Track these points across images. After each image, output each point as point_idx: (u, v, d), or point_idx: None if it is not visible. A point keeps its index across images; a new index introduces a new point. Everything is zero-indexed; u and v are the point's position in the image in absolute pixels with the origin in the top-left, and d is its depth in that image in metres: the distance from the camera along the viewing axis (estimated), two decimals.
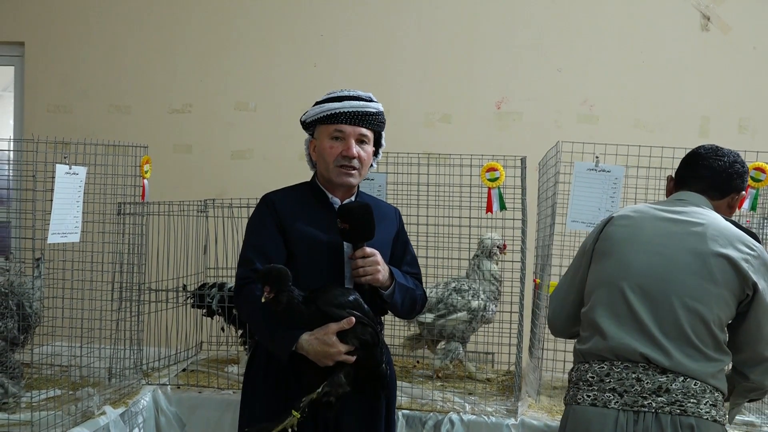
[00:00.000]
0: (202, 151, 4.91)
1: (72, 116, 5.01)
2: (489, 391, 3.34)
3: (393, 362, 2.81)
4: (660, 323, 2.26)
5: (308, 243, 2.50)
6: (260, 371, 2.56)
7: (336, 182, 2.56)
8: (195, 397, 3.32)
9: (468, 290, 3.43)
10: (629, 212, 2.46)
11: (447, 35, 4.74)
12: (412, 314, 2.74)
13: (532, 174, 3.54)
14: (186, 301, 3.69)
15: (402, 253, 2.72)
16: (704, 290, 2.26)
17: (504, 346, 3.37)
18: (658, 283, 2.29)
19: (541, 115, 4.57)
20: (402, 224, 2.77)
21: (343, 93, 2.58)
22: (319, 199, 2.61)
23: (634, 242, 2.37)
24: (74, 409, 2.88)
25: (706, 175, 2.46)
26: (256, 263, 2.46)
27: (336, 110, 2.53)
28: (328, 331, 2.31)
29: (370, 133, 2.58)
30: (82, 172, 2.84)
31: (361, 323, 2.35)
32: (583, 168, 3.03)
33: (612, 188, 2.97)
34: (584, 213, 2.99)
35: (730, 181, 2.46)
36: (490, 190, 3.17)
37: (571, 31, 4.65)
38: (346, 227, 2.44)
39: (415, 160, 3.38)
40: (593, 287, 2.42)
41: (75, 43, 5.03)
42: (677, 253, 2.30)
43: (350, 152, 2.52)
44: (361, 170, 2.58)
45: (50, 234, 2.74)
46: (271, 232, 2.52)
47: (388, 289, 2.53)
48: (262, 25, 4.89)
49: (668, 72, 4.56)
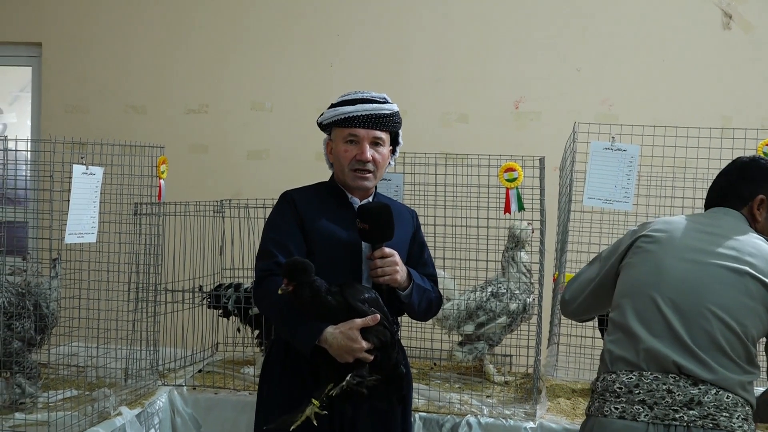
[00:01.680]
0: (218, 152, 4.93)
1: (88, 116, 5.04)
2: (507, 394, 3.32)
3: (410, 364, 2.81)
4: (693, 333, 2.19)
5: (327, 241, 2.51)
6: (276, 371, 2.56)
7: (352, 186, 2.58)
8: (211, 398, 3.33)
9: (505, 292, 3.41)
10: (664, 223, 2.40)
11: (464, 34, 4.73)
12: (428, 316, 2.75)
13: (551, 174, 3.52)
14: (202, 302, 3.70)
15: (419, 254, 2.72)
16: (739, 303, 2.20)
17: (522, 349, 3.36)
18: (691, 294, 2.23)
19: (560, 114, 4.54)
20: (419, 225, 2.78)
21: (356, 95, 2.57)
22: (338, 198, 2.62)
23: (669, 251, 2.30)
24: (90, 409, 2.90)
25: (721, 184, 2.43)
26: (278, 256, 2.47)
27: (349, 114, 2.54)
28: (353, 326, 2.31)
29: (385, 135, 2.58)
30: (98, 172, 2.86)
31: (382, 324, 2.36)
32: (600, 147, 3.04)
33: (628, 166, 2.98)
34: (600, 190, 3.01)
35: (741, 188, 2.39)
36: (508, 191, 3.16)
37: (590, 29, 4.62)
38: (366, 227, 2.45)
39: (432, 160, 3.37)
40: (624, 294, 2.35)
41: (91, 43, 5.06)
42: (712, 265, 2.24)
43: (364, 156, 2.52)
44: (377, 173, 2.59)
45: (67, 234, 2.76)
46: (291, 228, 2.53)
47: (406, 290, 2.53)
48: (278, 25, 4.91)
49: (689, 71, 4.53)
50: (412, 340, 3.68)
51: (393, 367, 2.43)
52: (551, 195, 3.45)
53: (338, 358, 2.33)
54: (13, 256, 3.18)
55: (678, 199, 3.40)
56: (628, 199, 2.98)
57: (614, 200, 2.98)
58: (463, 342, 3.47)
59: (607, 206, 3.02)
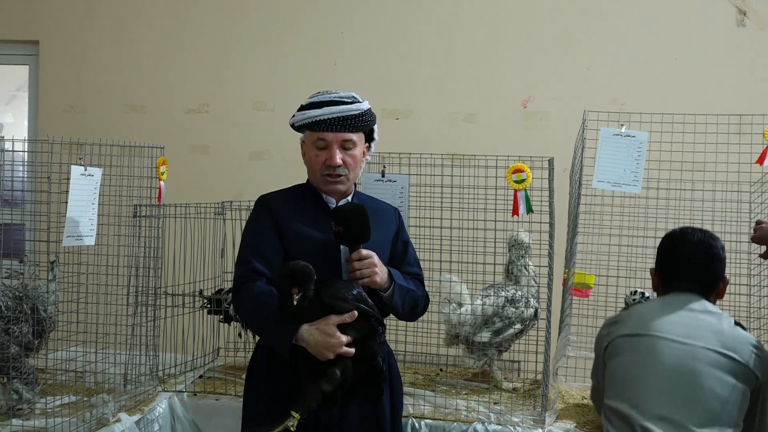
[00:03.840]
0: (219, 152, 4.94)
1: (87, 116, 5.05)
2: (515, 401, 3.32)
3: (396, 363, 2.84)
4: (689, 412, 2.46)
5: (304, 243, 2.55)
6: (261, 375, 2.61)
7: (323, 190, 2.63)
8: (212, 404, 3.33)
9: (520, 299, 3.40)
10: (638, 318, 2.67)
11: (471, 31, 4.73)
12: (413, 316, 2.81)
13: (560, 175, 3.52)
14: (203, 307, 3.71)
15: (402, 254, 2.75)
16: (728, 384, 2.49)
17: (531, 354, 3.35)
18: (685, 376, 2.50)
19: (569, 114, 4.52)
20: (402, 224, 2.81)
21: (323, 97, 2.61)
22: (314, 200, 2.66)
23: (657, 340, 2.58)
24: (89, 415, 2.90)
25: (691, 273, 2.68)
26: (254, 263, 2.53)
27: (317, 117, 2.57)
28: (329, 322, 2.35)
29: (356, 136, 2.61)
30: (97, 173, 2.86)
31: (363, 315, 2.39)
32: (609, 133, 3.12)
33: (637, 152, 3.07)
34: (610, 174, 3.10)
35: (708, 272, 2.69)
36: (516, 192, 3.15)
37: (601, 26, 4.62)
38: (341, 230, 2.48)
39: (439, 161, 3.37)
40: (617, 382, 2.64)
41: (90, 41, 5.08)
42: (702, 349, 2.52)
43: (333, 161, 2.57)
44: (350, 175, 2.63)
45: (65, 237, 2.76)
46: (267, 233, 2.59)
47: (387, 291, 2.55)
48: (280, 22, 4.91)
49: (702, 69, 4.52)
50: (417, 345, 3.67)
51: (373, 357, 2.46)
52: (560, 197, 3.45)
53: (318, 356, 2.36)
54: (10, 259, 3.18)
55: (687, 192, 3.46)
56: (637, 182, 3.08)
57: (623, 183, 3.08)
58: (473, 348, 3.46)
59: (616, 189, 3.12)
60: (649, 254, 3.43)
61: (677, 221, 3.53)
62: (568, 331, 3.25)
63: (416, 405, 3.18)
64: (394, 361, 2.81)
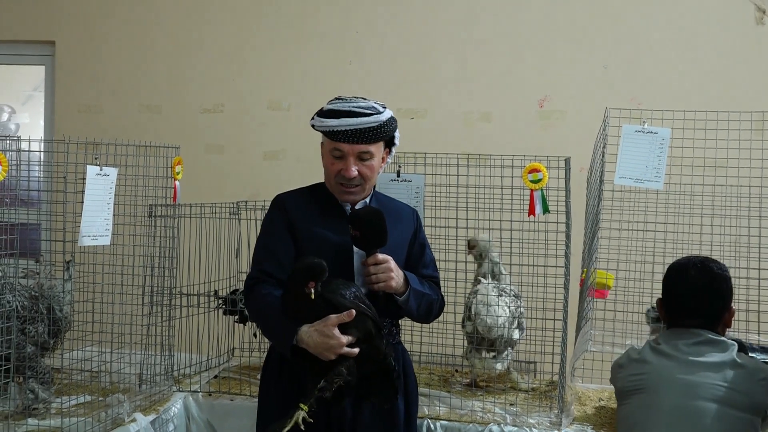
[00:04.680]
0: (234, 152, 4.96)
1: (102, 116, 5.09)
2: (531, 402, 3.31)
3: (412, 363, 2.84)
4: None
5: (318, 244, 2.55)
6: (274, 375, 2.62)
7: (338, 199, 2.63)
8: (227, 404, 3.35)
9: (519, 295, 3.44)
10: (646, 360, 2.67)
11: (487, 30, 4.73)
12: (429, 319, 2.81)
13: (577, 175, 3.51)
14: (218, 307, 3.73)
15: (419, 256, 2.74)
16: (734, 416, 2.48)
17: (547, 355, 3.35)
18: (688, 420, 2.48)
19: (586, 113, 4.52)
20: (420, 225, 2.80)
21: (342, 106, 2.56)
22: (330, 201, 2.66)
23: (660, 386, 2.57)
24: (104, 415, 2.92)
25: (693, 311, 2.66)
26: (264, 264, 2.55)
27: (333, 128, 2.54)
28: (327, 323, 2.33)
29: (373, 147, 2.59)
30: (113, 173, 2.88)
31: (363, 314, 2.39)
32: (631, 130, 3.11)
33: (659, 148, 3.07)
34: (632, 170, 3.09)
35: None
36: (532, 193, 3.15)
37: (618, 24, 4.60)
38: (357, 234, 2.47)
39: (454, 161, 3.37)
40: None
41: (105, 42, 5.11)
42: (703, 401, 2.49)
43: (348, 173, 2.56)
44: (365, 185, 2.63)
45: (81, 236, 2.78)
46: (280, 233, 2.59)
47: (403, 295, 2.55)
48: (295, 22, 4.93)
49: (721, 68, 4.50)
50: (433, 346, 3.68)
51: (382, 358, 2.45)
52: (577, 197, 3.44)
53: (320, 357, 2.36)
54: (26, 259, 3.21)
55: (708, 187, 3.48)
56: (660, 178, 3.06)
57: (645, 179, 3.07)
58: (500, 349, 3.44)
59: (638, 185, 3.10)
60: (668, 253, 3.42)
61: (698, 219, 3.52)
62: (590, 326, 3.24)
63: (431, 406, 3.19)
64: (410, 361, 2.81)
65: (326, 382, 2.35)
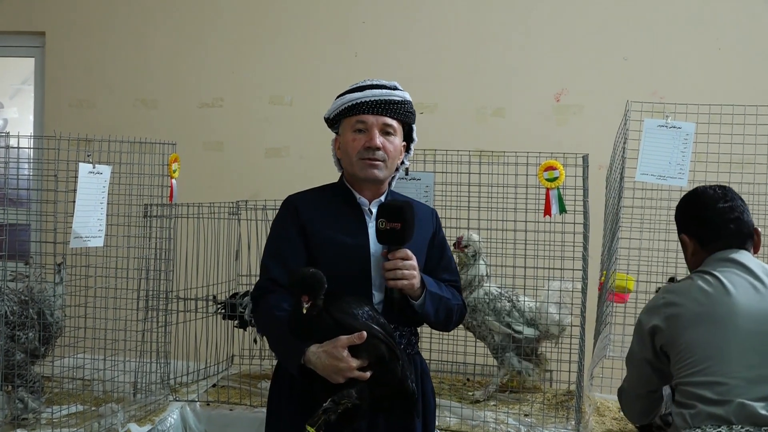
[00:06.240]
0: (234, 149, 4.95)
1: (96, 111, 5.09)
2: (546, 413, 3.30)
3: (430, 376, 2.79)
4: None
5: (333, 248, 2.50)
6: (285, 388, 2.56)
7: (360, 176, 2.55)
8: (226, 414, 3.34)
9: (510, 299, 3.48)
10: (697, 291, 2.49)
11: (501, 21, 4.71)
12: (448, 326, 2.73)
13: (595, 173, 3.50)
14: (217, 312, 3.72)
15: (438, 258, 2.70)
16: None
17: (564, 363, 3.33)
18: None
19: (605, 108, 4.50)
20: (439, 226, 2.76)
21: (364, 83, 2.60)
22: (345, 199, 2.60)
23: (724, 305, 2.40)
24: (97, 426, 2.92)
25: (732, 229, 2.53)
26: (273, 271, 2.50)
27: (357, 100, 2.54)
28: (337, 345, 2.27)
29: (396, 123, 2.57)
30: (106, 171, 2.88)
31: (376, 337, 2.31)
32: (654, 124, 3.08)
33: (683, 144, 3.06)
34: (654, 166, 3.07)
35: None
36: (548, 191, 3.14)
37: (638, 15, 4.58)
38: (397, 227, 2.42)
39: (466, 158, 3.36)
40: (692, 354, 2.41)
41: (99, 33, 5.11)
42: None
43: (373, 142, 2.51)
44: (388, 163, 2.56)
45: (72, 237, 2.78)
46: (290, 237, 2.54)
47: (418, 299, 2.51)
48: (298, 12, 4.92)
49: (745, 59, 4.48)
50: (443, 353, 3.66)
51: (399, 382, 2.39)
52: (596, 196, 3.43)
53: (329, 379, 2.31)
54: (15, 261, 3.21)
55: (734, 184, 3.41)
56: (684, 175, 3.04)
57: (668, 176, 3.05)
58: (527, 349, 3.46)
59: (660, 182, 3.07)
60: None
61: None
62: (609, 330, 3.22)
63: (442, 417, 3.17)
64: (428, 370, 2.72)
65: (332, 402, 2.29)
